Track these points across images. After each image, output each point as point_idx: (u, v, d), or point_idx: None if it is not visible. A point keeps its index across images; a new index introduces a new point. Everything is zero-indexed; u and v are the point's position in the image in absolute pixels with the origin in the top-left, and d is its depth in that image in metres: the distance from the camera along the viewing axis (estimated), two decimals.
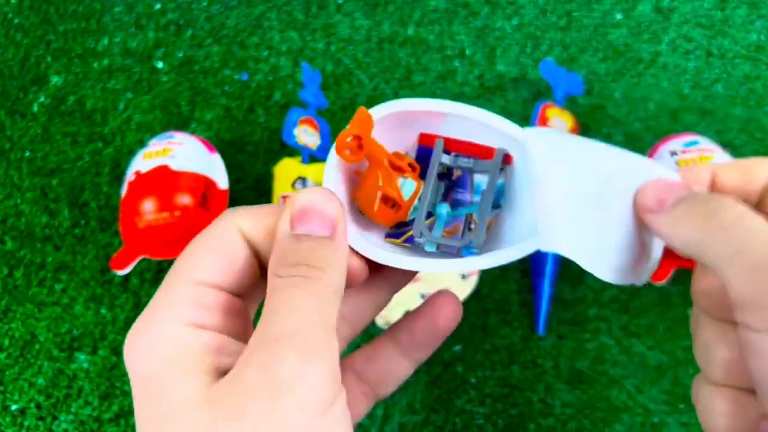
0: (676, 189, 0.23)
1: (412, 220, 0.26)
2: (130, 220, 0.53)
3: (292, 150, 0.59)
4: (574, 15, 0.67)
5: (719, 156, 0.52)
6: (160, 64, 0.66)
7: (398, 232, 0.26)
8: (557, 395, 0.52)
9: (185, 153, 0.54)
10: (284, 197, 0.55)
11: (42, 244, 0.58)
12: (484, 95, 0.63)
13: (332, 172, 0.26)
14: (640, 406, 0.51)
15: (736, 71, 0.63)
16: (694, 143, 0.53)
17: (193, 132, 0.61)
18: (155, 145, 0.55)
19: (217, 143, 0.60)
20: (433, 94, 0.62)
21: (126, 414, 0.52)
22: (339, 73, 0.64)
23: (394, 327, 0.27)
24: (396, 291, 0.27)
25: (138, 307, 0.55)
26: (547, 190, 0.23)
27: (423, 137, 0.27)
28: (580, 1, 0.67)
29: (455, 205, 0.26)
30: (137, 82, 0.65)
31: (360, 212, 0.26)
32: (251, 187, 0.59)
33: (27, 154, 0.62)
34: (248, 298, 0.24)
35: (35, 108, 0.64)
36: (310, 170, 0.56)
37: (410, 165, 0.27)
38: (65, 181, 0.61)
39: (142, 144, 0.59)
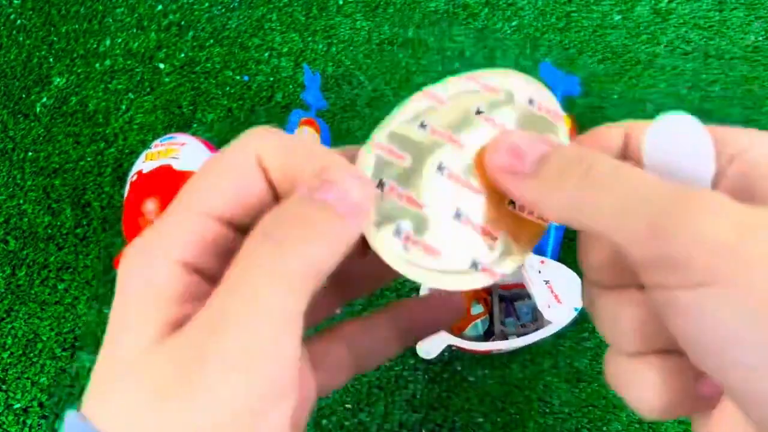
0: (535, 143, 0.20)
1: None
2: (132, 220, 0.53)
3: None
4: (573, 16, 0.67)
5: None
6: (162, 65, 0.66)
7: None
8: (556, 394, 0.52)
9: (187, 154, 0.55)
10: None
11: (45, 244, 0.58)
12: None
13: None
14: None
15: (733, 72, 0.63)
16: None
17: (194, 133, 0.61)
18: (157, 146, 0.55)
19: (219, 144, 0.60)
20: None
21: None
22: (339, 75, 0.65)
23: (395, 308, 0.26)
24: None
25: None
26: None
27: None
28: (579, 3, 0.67)
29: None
30: (139, 83, 0.65)
31: None
32: None
33: (30, 154, 0.62)
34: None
35: (38, 109, 0.64)
36: None
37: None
38: (68, 181, 0.61)
39: (144, 144, 0.60)
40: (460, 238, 0.21)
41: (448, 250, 0.21)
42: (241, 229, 0.20)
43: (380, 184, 0.21)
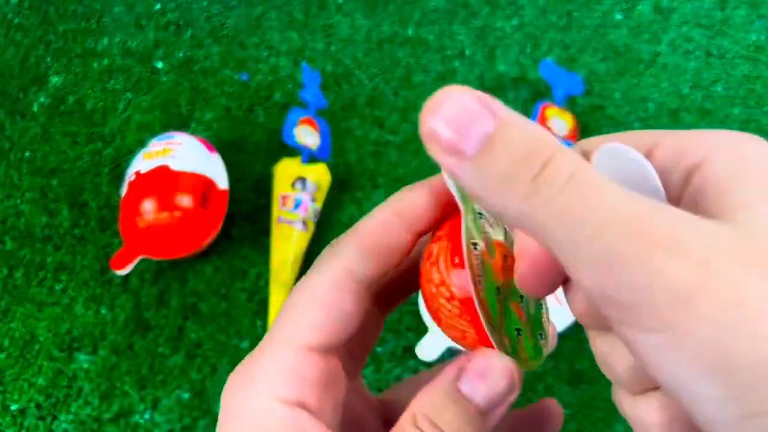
0: (480, 113, 0.15)
1: None
2: (130, 220, 0.53)
3: (292, 150, 0.59)
4: (574, 15, 0.67)
5: None
6: (160, 64, 0.66)
7: None
8: (557, 395, 0.52)
9: (185, 153, 0.54)
10: (284, 197, 0.55)
11: (42, 245, 0.58)
12: None
13: None
14: None
15: (735, 71, 0.63)
16: None
17: (192, 132, 0.61)
18: (155, 145, 0.55)
19: (217, 143, 0.60)
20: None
21: (126, 414, 0.52)
22: (339, 73, 0.64)
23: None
24: None
25: (138, 306, 0.55)
26: None
27: None
28: (580, 2, 0.67)
29: None
30: (137, 82, 0.65)
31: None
32: (251, 187, 0.59)
33: (27, 154, 0.62)
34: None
35: (35, 108, 0.64)
36: (309, 170, 0.56)
37: None
38: (65, 181, 0.60)
39: (141, 144, 0.59)
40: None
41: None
42: (335, 348, 0.20)
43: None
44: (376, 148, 0.61)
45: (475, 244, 0.20)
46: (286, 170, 0.56)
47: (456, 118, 0.15)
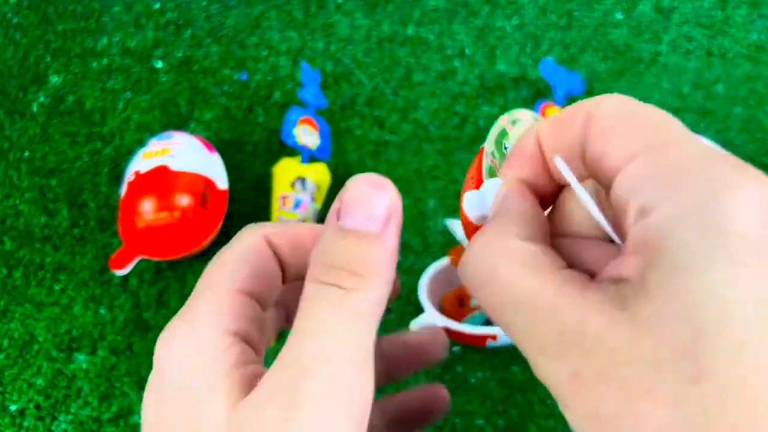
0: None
1: None
2: (129, 221, 0.52)
3: (291, 150, 0.59)
4: (575, 15, 0.66)
5: None
6: (159, 64, 0.65)
7: None
8: None
9: (184, 153, 0.54)
10: (284, 197, 0.55)
11: (41, 245, 0.58)
12: (484, 95, 0.62)
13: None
14: None
15: (736, 71, 0.63)
16: None
17: (192, 132, 0.61)
18: (155, 144, 0.55)
19: (217, 143, 0.60)
20: (433, 94, 0.62)
21: (125, 414, 0.51)
22: (339, 73, 0.64)
23: (384, 400, 0.27)
24: None
25: (137, 307, 0.55)
26: None
27: None
28: (581, 1, 0.67)
29: None
30: (136, 81, 0.65)
31: None
32: (251, 186, 0.59)
33: (26, 154, 0.62)
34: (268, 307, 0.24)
35: (34, 108, 0.64)
36: (309, 170, 0.56)
37: None
38: (64, 181, 0.60)
39: (141, 144, 0.59)
40: None
41: None
42: (260, 301, 0.22)
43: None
44: (376, 148, 0.61)
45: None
46: (285, 170, 0.56)
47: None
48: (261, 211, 0.58)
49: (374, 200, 0.20)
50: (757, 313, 0.14)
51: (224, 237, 0.57)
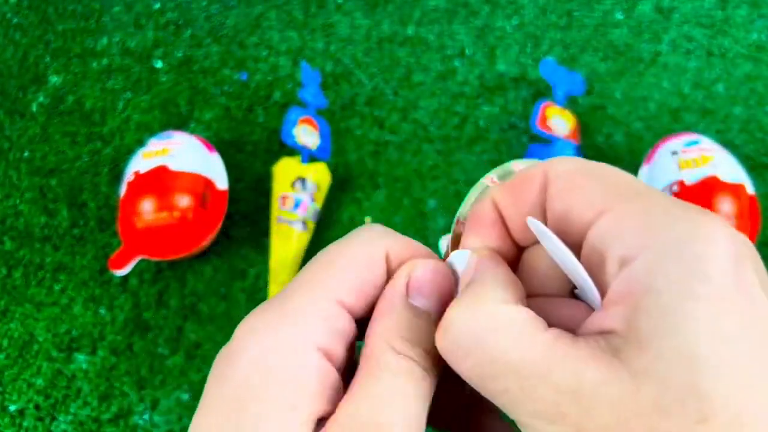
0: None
1: None
2: (128, 221, 0.52)
3: (291, 150, 0.59)
4: (575, 15, 0.66)
5: (719, 155, 0.52)
6: (159, 64, 0.65)
7: None
8: None
9: (184, 153, 0.54)
10: (284, 197, 0.55)
11: (41, 245, 0.58)
12: (484, 95, 0.62)
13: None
14: None
15: (736, 71, 0.63)
16: (695, 143, 0.53)
17: (192, 132, 0.61)
18: (154, 144, 0.55)
19: (217, 143, 0.59)
20: (432, 94, 0.62)
21: (125, 415, 0.51)
22: (338, 73, 0.64)
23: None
24: None
25: (137, 307, 0.55)
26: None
27: None
28: (581, 1, 0.67)
29: None
30: (136, 81, 0.65)
31: None
32: (250, 187, 0.59)
33: (26, 154, 0.62)
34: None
35: (34, 108, 0.64)
36: (309, 170, 0.56)
37: None
38: (64, 181, 0.60)
39: (141, 144, 0.59)
40: None
41: None
42: (358, 320, 0.20)
43: None
44: (376, 148, 0.60)
45: None
46: (285, 170, 0.56)
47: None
48: (261, 211, 0.58)
49: (441, 280, 0.20)
50: (750, 345, 0.15)
51: (224, 237, 0.57)
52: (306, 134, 0.56)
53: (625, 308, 0.16)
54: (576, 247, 0.18)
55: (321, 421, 0.18)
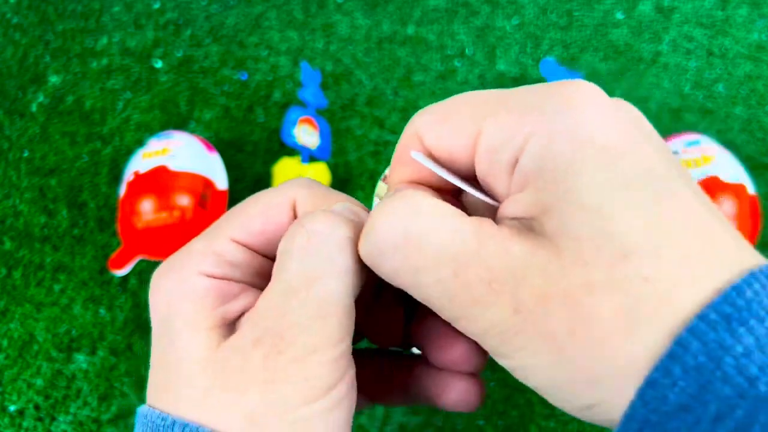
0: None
1: None
2: (128, 221, 0.52)
3: (291, 150, 0.59)
4: (575, 14, 0.66)
5: (720, 155, 0.52)
6: (159, 64, 0.65)
7: None
8: None
9: (184, 153, 0.54)
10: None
11: (40, 245, 0.58)
12: None
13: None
14: None
15: (737, 71, 0.63)
16: (695, 143, 0.53)
17: (192, 132, 0.61)
18: (154, 144, 0.55)
19: (216, 143, 0.59)
20: (432, 94, 0.62)
21: (125, 415, 0.51)
22: (339, 73, 0.64)
23: (408, 360, 0.25)
24: None
25: (137, 307, 0.55)
26: None
27: None
28: (581, 1, 0.67)
29: None
30: (136, 81, 0.65)
31: None
32: (250, 187, 0.59)
33: (25, 153, 0.62)
34: None
35: (34, 108, 0.64)
36: (309, 170, 0.56)
37: None
38: (64, 181, 0.60)
39: (140, 144, 0.59)
40: None
41: None
42: (267, 256, 0.22)
43: None
44: (376, 148, 0.60)
45: None
46: (285, 170, 0.56)
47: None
48: None
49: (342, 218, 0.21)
50: (643, 185, 0.16)
51: None
52: (306, 134, 0.56)
53: (527, 192, 0.17)
54: (471, 167, 0.20)
55: (237, 321, 0.20)
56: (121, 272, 0.53)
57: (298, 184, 0.22)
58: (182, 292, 0.20)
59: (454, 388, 0.23)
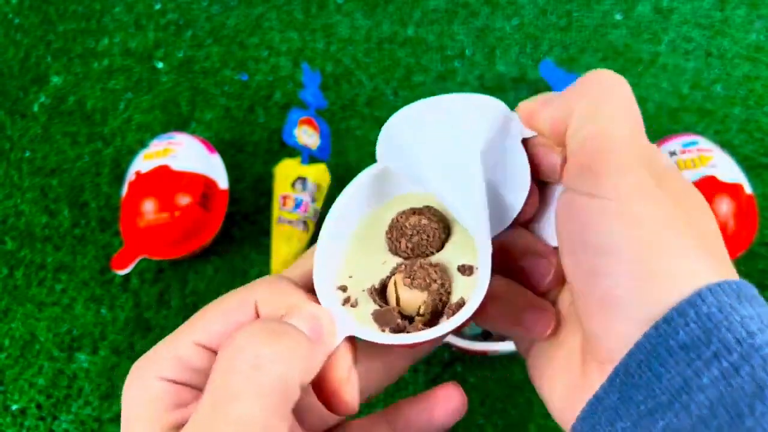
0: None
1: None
2: (130, 220, 0.53)
3: (291, 150, 0.59)
4: (574, 15, 0.67)
5: (718, 156, 0.52)
6: (160, 64, 0.66)
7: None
8: None
9: (185, 153, 0.54)
10: (284, 197, 0.55)
11: (42, 245, 0.58)
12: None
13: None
14: None
15: (735, 71, 0.63)
16: (694, 143, 0.53)
17: (192, 132, 0.61)
18: (156, 145, 0.55)
19: (217, 143, 0.60)
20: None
21: None
22: (339, 74, 0.64)
23: (393, 409, 0.27)
24: (415, 359, 0.27)
25: (138, 306, 0.55)
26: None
27: None
28: (580, 2, 0.67)
29: None
30: (137, 82, 0.65)
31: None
32: (251, 187, 0.59)
33: (27, 154, 0.62)
34: None
35: (35, 108, 0.64)
36: (309, 170, 0.56)
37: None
38: (65, 181, 0.61)
39: (142, 144, 0.59)
40: None
41: None
42: None
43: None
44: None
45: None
46: (286, 170, 0.56)
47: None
48: (261, 211, 0.58)
49: (323, 315, 0.24)
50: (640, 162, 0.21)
51: (224, 237, 0.57)
52: (306, 135, 0.56)
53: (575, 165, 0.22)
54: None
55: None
56: (122, 272, 0.53)
57: (262, 283, 0.24)
58: (140, 396, 0.22)
59: (437, 402, 0.26)
